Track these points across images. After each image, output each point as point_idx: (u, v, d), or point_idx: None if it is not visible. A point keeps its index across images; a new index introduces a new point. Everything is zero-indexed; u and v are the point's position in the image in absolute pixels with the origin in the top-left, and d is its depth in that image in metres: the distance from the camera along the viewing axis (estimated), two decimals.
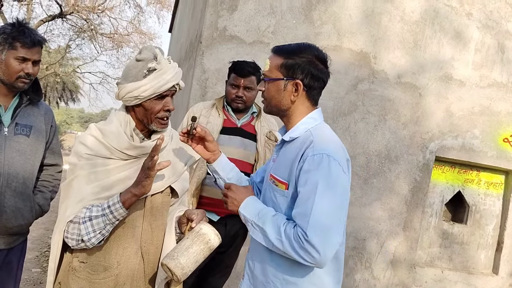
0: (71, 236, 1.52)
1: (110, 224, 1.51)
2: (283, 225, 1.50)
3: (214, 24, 3.64)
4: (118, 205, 1.49)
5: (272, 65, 1.62)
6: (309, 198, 1.45)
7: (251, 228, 1.59)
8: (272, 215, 1.56)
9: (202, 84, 3.65)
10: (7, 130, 2.06)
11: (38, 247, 5.28)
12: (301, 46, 1.62)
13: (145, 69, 1.56)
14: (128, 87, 1.58)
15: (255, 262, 1.68)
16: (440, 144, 4.07)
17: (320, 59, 1.61)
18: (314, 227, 1.42)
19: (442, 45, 4.03)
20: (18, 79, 2.02)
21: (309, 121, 1.62)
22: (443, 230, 4.27)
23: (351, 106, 3.89)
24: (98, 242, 1.53)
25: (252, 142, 2.81)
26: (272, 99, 1.63)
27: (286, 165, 1.58)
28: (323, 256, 1.42)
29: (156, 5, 19.97)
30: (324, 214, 1.44)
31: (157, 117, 1.63)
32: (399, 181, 4.00)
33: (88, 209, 1.52)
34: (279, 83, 1.60)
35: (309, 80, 1.59)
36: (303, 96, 1.62)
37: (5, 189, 2.04)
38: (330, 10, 3.82)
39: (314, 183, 1.45)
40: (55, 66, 21.09)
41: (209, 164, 1.85)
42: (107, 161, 1.60)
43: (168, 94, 1.63)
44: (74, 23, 19.25)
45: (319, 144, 1.51)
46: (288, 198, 1.57)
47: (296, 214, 1.48)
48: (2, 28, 2.05)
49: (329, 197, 1.46)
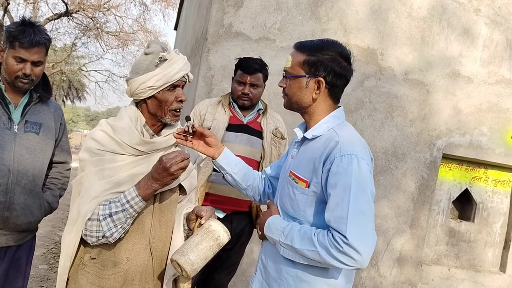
0: (90, 233, 1.53)
1: (130, 217, 1.54)
2: (315, 236, 1.47)
3: (219, 21, 3.64)
4: (138, 199, 1.51)
5: (294, 62, 1.60)
6: (343, 200, 1.43)
7: (280, 249, 1.57)
8: (297, 229, 1.53)
9: (208, 81, 3.64)
10: (17, 127, 2.07)
11: (45, 244, 5.32)
12: (324, 43, 1.59)
13: (157, 59, 1.58)
14: (140, 79, 1.60)
15: (268, 258, 1.68)
16: (448, 142, 4.05)
17: (343, 56, 1.58)
18: (353, 229, 1.40)
19: (450, 42, 4.00)
20: (17, 79, 2.02)
21: (332, 120, 1.60)
22: (450, 228, 4.25)
23: (357, 103, 3.88)
24: (119, 235, 1.55)
25: (258, 139, 2.81)
26: (294, 96, 1.62)
27: (308, 163, 1.57)
28: (365, 257, 1.41)
29: (161, 3, 19.99)
30: (361, 215, 1.43)
31: (170, 109, 1.64)
32: (406, 179, 3.98)
33: (105, 206, 1.53)
34: (301, 80, 1.58)
35: (332, 77, 1.56)
36: (325, 94, 1.60)
37: (14, 186, 2.05)
38: (336, 6, 3.80)
39: (346, 185, 1.44)
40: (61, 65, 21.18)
41: (214, 160, 1.84)
42: (118, 157, 1.60)
43: (180, 84, 1.65)
44: (80, 22, 19.33)
45: (346, 145, 1.49)
46: (309, 196, 1.55)
47: (331, 218, 1.45)
48: (8, 26, 2.06)
49: (362, 198, 1.45)
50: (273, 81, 3.48)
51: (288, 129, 2.98)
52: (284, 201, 1.65)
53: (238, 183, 1.87)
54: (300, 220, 1.59)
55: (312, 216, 1.56)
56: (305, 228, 1.54)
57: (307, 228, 1.53)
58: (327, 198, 1.49)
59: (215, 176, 2.75)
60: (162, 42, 1.65)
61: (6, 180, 2.03)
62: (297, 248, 1.50)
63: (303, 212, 1.57)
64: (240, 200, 2.78)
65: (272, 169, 1.94)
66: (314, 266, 1.53)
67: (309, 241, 1.48)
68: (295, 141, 1.73)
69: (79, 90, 32.57)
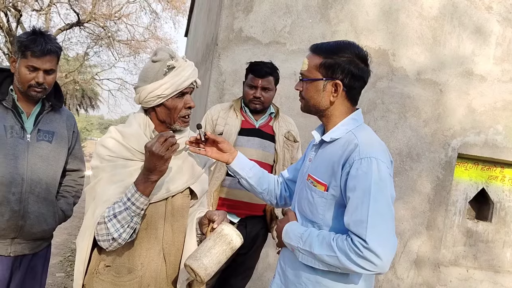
0: (102, 237, 1.52)
1: (136, 215, 1.50)
2: (334, 241, 1.45)
3: (230, 26, 3.64)
4: (137, 195, 1.48)
5: (311, 65, 1.58)
6: (362, 203, 1.41)
7: (299, 255, 1.56)
8: (316, 235, 1.51)
9: (219, 86, 3.65)
10: (29, 136, 2.08)
11: (61, 252, 5.36)
12: (340, 45, 1.57)
13: (165, 67, 1.58)
14: (149, 88, 1.60)
15: (286, 264, 1.66)
16: (463, 141, 3.99)
17: (360, 58, 1.56)
18: (373, 233, 1.38)
19: (462, 40, 3.95)
20: (30, 88, 2.03)
21: (350, 122, 1.58)
22: (467, 228, 4.18)
23: (370, 104, 3.85)
24: (130, 236, 1.52)
25: (271, 143, 2.80)
26: (311, 99, 1.60)
27: (326, 166, 1.55)
28: (385, 262, 1.39)
29: (171, 11, 20.16)
30: (381, 218, 1.41)
31: (179, 116, 1.64)
32: (422, 180, 3.93)
33: (110, 208, 1.52)
34: (318, 83, 1.57)
35: (349, 80, 1.54)
36: (343, 96, 1.58)
37: (28, 195, 2.07)
38: (346, 8, 3.78)
39: (366, 188, 1.41)
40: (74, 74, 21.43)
41: (228, 165, 1.84)
42: (129, 163, 1.61)
43: (188, 91, 1.65)
44: (91, 31, 19.57)
45: (366, 147, 1.47)
46: (327, 200, 1.53)
47: (350, 222, 1.43)
48: (19, 36, 2.08)
49: (382, 201, 1.42)
50: (284, 85, 3.47)
51: (300, 131, 2.97)
52: (303, 205, 1.63)
53: (253, 188, 1.86)
54: (318, 224, 1.57)
55: (331, 219, 1.54)
56: (323, 233, 1.51)
57: (325, 233, 1.51)
58: (346, 202, 1.47)
59: (228, 180, 2.75)
60: (170, 49, 1.64)
61: (20, 189, 2.04)
62: (315, 253, 1.48)
63: (321, 215, 1.55)
64: (254, 204, 2.77)
65: (289, 172, 1.93)
66: (333, 271, 1.51)
67: (328, 246, 1.46)
68: (312, 144, 1.71)
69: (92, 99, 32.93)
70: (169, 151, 1.48)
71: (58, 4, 18.15)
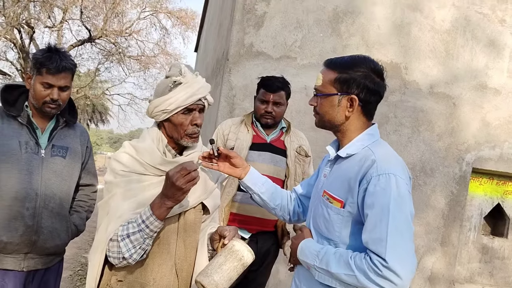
0: (112, 254, 1.52)
1: (148, 237, 1.50)
2: (352, 259, 1.42)
3: (240, 41, 3.66)
4: (152, 218, 1.48)
5: (325, 80, 1.56)
6: (381, 221, 1.38)
7: (315, 273, 1.52)
8: (332, 253, 1.48)
9: (230, 101, 3.65)
10: (44, 151, 2.10)
11: (71, 266, 5.34)
12: (355, 59, 1.55)
13: (170, 83, 1.59)
14: (155, 102, 1.61)
15: (302, 280, 1.63)
16: (477, 155, 3.93)
17: (376, 72, 1.54)
18: (393, 252, 1.34)
19: (475, 53, 3.93)
20: (45, 104, 2.05)
21: (366, 137, 1.56)
22: (482, 244, 4.10)
23: (382, 118, 3.82)
24: (140, 256, 1.52)
25: (282, 157, 2.78)
26: (326, 114, 1.58)
27: (342, 182, 1.52)
28: (405, 281, 1.35)
29: (181, 26, 20.42)
30: (400, 236, 1.37)
31: (186, 133, 1.63)
32: (436, 195, 3.87)
33: (124, 226, 1.51)
34: (333, 99, 1.55)
35: (365, 94, 1.52)
36: (359, 111, 1.55)
37: (42, 210, 2.07)
38: (357, 22, 3.78)
39: (384, 205, 1.38)
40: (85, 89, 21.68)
41: (241, 180, 1.82)
42: (142, 178, 1.61)
43: (196, 108, 1.63)
44: (102, 47, 19.88)
45: (383, 163, 1.44)
46: (344, 217, 1.50)
47: (369, 240, 1.40)
48: (35, 53, 2.11)
49: (401, 219, 1.39)
50: (295, 99, 3.46)
51: (311, 146, 2.94)
52: (318, 222, 1.59)
53: (266, 203, 1.84)
54: (335, 241, 1.53)
55: (347, 237, 1.50)
56: (340, 251, 1.48)
57: (342, 251, 1.48)
58: (364, 219, 1.44)
59: (240, 195, 2.73)
60: (182, 65, 1.64)
61: (34, 204, 2.05)
62: (333, 272, 1.45)
63: (338, 233, 1.52)
64: (265, 219, 2.74)
65: (303, 188, 1.90)
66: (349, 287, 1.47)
67: (345, 265, 1.42)
68: (327, 160, 1.69)
69: (103, 113, 33.27)
70: (190, 184, 1.46)
71: (70, 21, 18.51)
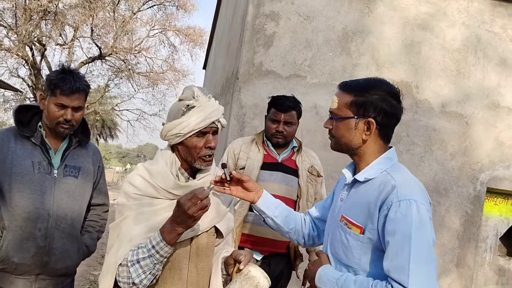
0: (123, 279, 1.50)
1: (159, 263, 1.48)
2: (372, 287, 1.39)
3: (250, 60, 3.67)
4: (162, 244, 1.46)
5: (341, 103, 1.55)
6: (403, 248, 1.34)
7: None
8: (353, 280, 1.44)
9: (240, 120, 3.65)
10: (56, 172, 2.10)
11: (80, 284, 5.31)
12: (371, 82, 1.54)
13: (183, 107, 1.58)
14: (168, 126, 1.60)
15: None
16: (491, 175, 3.88)
17: (393, 95, 1.52)
18: (416, 280, 1.31)
19: (487, 72, 3.90)
20: (58, 125, 2.06)
21: (384, 161, 1.53)
22: (499, 266, 4.01)
23: (394, 138, 3.72)
24: (150, 282, 1.50)
25: (294, 177, 2.75)
26: (342, 138, 1.56)
27: (361, 207, 1.49)
28: None
29: (189, 44, 20.63)
30: (423, 265, 1.34)
31: (200, 156, 1.61)
32: (450, 215, 3.81)
33: (134, 251, 1.49)
34: (349, 122, 1.53)
35: (382, 117, 1.50)
36: (376, 134, 1.53)
37: (53, 230, 2.07)
38: (367, 41, 3.78)
39: (406, 232, 1.35)
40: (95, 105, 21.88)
41: (253, 204, 1.79)
42: (154, 201, 1.59)
43: (209, 131, 1.62)
44: (112, 64, 20.11)
45: (404, 189, 1.41)
46: (364, 243, 1.46)
47: (391, 268, 1.36)
48: (49, 74, 2.13)
49: (423, 246, 1.36)
50: (305, 118, 3.43)
51: (322, 165, 2.91)
52: (336, 248, 1.56)
53: (280, 227, 1.81)
54: (354, 268, 1.49)
55: (367, 264, 1.47)
56: (361, 278, 1.44)
57: (363, 279, 1.44)
58: (384, 246, 1.40)
59: (251, 216, 2.69)
60: (195, 88, 1.63)
61: (46, 225, 2.05)
62: None
63: (357, 260, 1.48)
64: (278, 241, 2.70)
65: (318, 211, 1.87)
66: None
67: None
68: (344, 183, 1.66)
69: (112, 128, 33.54)
70: (201, 211, 1.44)
71: (81, 38, 18.81)
